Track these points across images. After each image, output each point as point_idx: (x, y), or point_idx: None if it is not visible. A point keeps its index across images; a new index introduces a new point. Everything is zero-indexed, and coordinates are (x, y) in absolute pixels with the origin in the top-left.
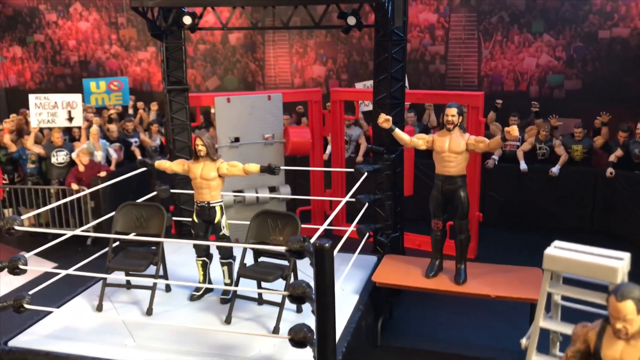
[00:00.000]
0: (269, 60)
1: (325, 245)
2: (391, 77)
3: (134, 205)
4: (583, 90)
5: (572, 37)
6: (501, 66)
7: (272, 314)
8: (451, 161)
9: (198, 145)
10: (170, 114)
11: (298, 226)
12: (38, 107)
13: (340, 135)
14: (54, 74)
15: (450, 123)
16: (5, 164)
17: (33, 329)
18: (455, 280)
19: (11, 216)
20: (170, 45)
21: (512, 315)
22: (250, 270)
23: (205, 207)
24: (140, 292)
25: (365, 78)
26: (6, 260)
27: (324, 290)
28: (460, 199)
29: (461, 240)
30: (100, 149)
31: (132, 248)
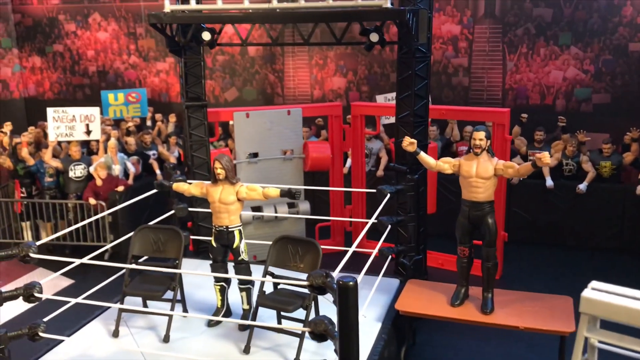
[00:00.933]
0: (289, 71)
1: (349, 283)
2: (415, 94)
3: (151, 229)
4: (612, 105)
5: (600, 50)
6: (526, 79)
7: (292, 343)
8: (479, 187)
9: (217, 169)
10: (189, 130)
11: (319, 254)
12: (56, 120)
13: (361, 150)
14: (73, 84)
15: (477, 147)
16: (23, 177)
17: (48, 357)
18: (482, 309)
19: (27, 242)
20: (189, 61)
21: (540, 344)
22: (269, 299)
23: (223, 231)
24: (156, 317)
25: (386, 90)
26: (21, 288)
27: (347, 330)
28: (488, 225)
29: (488, 268)
30: (118, 163)
31: (150, 272)
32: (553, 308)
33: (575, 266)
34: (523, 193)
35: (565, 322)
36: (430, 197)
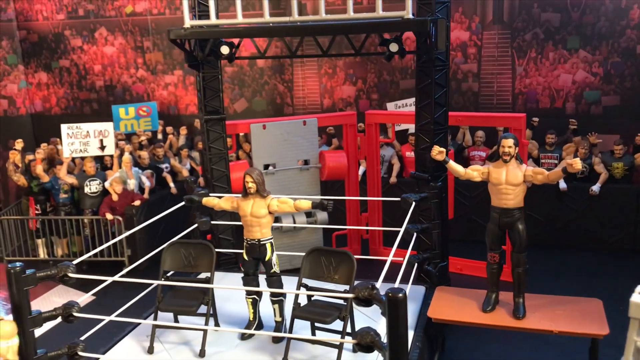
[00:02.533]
0: (298, 81)
1: (398, 295)
2: (435, 102)
3: (182, 244)
4: (621, 107)
5: (609, 53)
6: (536, 83)
7: (327, 354)
8: (509, 193)
9: (248, 183)
10: (208, 143)
11: (354, 265)
12: (70, 136)
13: (376, 158)
14: (80, 99)
15: (507, 155)
16: (37, 194)
17: None
18: (514, 314)
19: (64, 263)
20: (207, 74)
21: (569, 348)
22: (305, 311)
23: (255, 244)
24: (189, 332)
25: (396, 98)
26: (60, 308)
27: (397, 341)
28: (518, 231)
29: (519, 273)
30: (133, 177)
31: (179, 287)
32: (584, 311)
33: (591, 268)
34: (537, 196)
35: (598, 325)
36: (449, 204)
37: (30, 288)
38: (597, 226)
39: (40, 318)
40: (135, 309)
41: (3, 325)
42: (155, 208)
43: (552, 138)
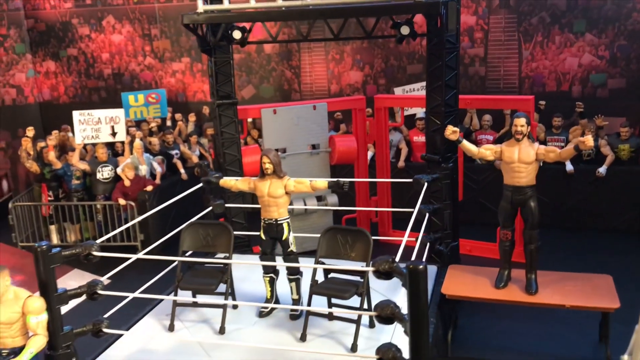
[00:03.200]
0: (305, 67)
1: (419, 267)
2: (445, 85)
3: (200, 224)
4: (627, 89)
5: (615, 36)
6: (542, 67)
7: (345, 329)
8: (521, 172)
9: (265, 163)
10: (220, 128)
11: (370, 242)
12: (82, 123)
13: (385, 142)
14: (88, 87)
15: (519, 133)
16: (50, 180)
17: (110, 352)
18: (526, 290)
19: (88, 242)
20: (219, 59)
21: (580, 323)
22: (324, 287)
23: (272, 224)
24: (207, 310)
25: (403, 82)
26: (85, 286)
27: (418, 312)
28: (530, 209)
29: (531, 250)
30: (144, 163)
31: (199, 266)
32: (595, 286)
33: (597, 249)
34: (544, 178)
35: (609, 299)
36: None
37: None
38: (604, 208)
39: (65, 296)
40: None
41: (33, 301)
42: (167, 193)
43: (558, 121)
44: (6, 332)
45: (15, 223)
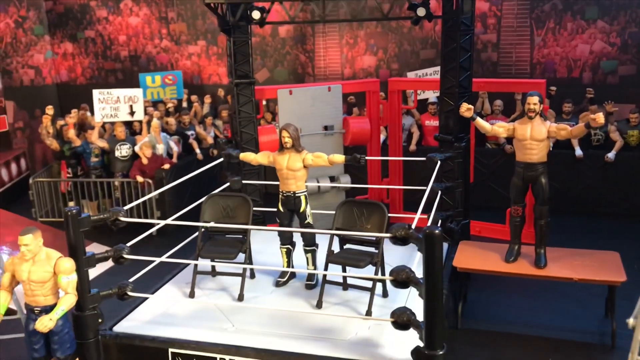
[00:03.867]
0: (319, 51)
1: (435, 231)
2: (460, 66)
3: (220, 196)
4: (637, 76)
5: (626, 23)
6: (554, 53)
7: (359, 298)
8: (533, 149)
9: (284, 137)
10: (238, 107)
11: (385, 214)
12: (101, 102)
13: (398, 125)
14: (105, 68)
15: (532, 111)
16: (69, 158)
17: (133, 316)
18: (536, 264)
19: (115, 208)
20: (238, 39)
21: (583, 297)
22: (340, 257)
23: (290, 196)
24: (225, 279)
25: (416, 67)
26: (111, 250)
27: (433, 275)
28: (541, 185)
29: (541, 225)
30: (161, 142)
31: (219, 237)
32: (602, 261)
33: (606, 232)
34: (554, 163)
35: (616, 273)
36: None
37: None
38: (612, 192)
39: (93, 259)
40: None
41: (64, 261)
42: (183, 172)
43: (568, 107)
44: (39, 290)
45: (35, 198)
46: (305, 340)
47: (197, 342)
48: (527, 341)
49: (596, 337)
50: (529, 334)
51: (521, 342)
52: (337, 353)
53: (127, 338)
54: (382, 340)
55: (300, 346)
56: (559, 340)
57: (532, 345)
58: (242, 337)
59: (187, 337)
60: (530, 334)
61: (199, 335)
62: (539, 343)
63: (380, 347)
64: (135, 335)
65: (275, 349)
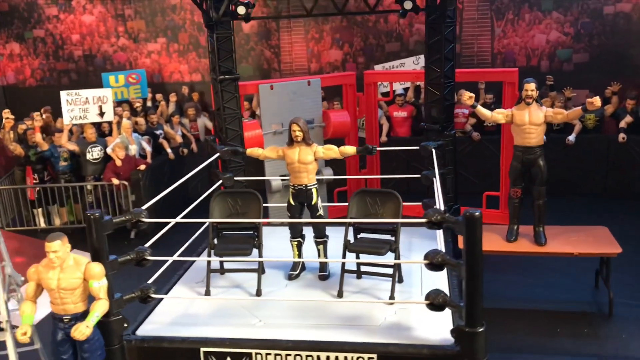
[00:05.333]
0: (285, 46)
1: (475, 214)
2: (444, 57)
3: (228, 193)
4: (590, 63)
5: (579, 14)
6: (513, 43)
7: (375, 285)
8: (531, 133)
9: (295, 131)
10: (222, 103)
11: (400, 202)
12: (69, 103)
13: (375, 117)
14: (57, 69)
15: (529, 97)
16: (35, 163)
17: (152, 318)
18: (536, 242)
19: (136, 209)
20: (221, 35)
21: (575, 272)
22: (359, 245)
23: (302, 189)
24: (235, 276)
25: (382, 60)
26: (133, 252)
27: (474, 255)
28: (540, 167)
29: (539, 205)
30: (134, 143)
31: (228, 234)
32: (595, 236)
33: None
34: None
35: (611, 246)
36: None
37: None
38: (573, 173)
39: (116, 262)
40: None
41: (94, 266)
42: (157, 173)
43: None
44: (69, 298)
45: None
46: (337, 329)
47: (231, 340)
48: (532, 315)
49: (594, 307)
50: (531, 309)
51: (526, 316)
52: (376, 338)
53: (154, 341)
54: (411, 324)
55: (335, 335)
56: (560, 312)
57: (538, 319)
58: (273, 331)
59: (219, 335)
60: (532, 308)
61: (227, 333)
62: (543, 316)
63: (413, 330)
64: (163, 338)
65: (312, 339)
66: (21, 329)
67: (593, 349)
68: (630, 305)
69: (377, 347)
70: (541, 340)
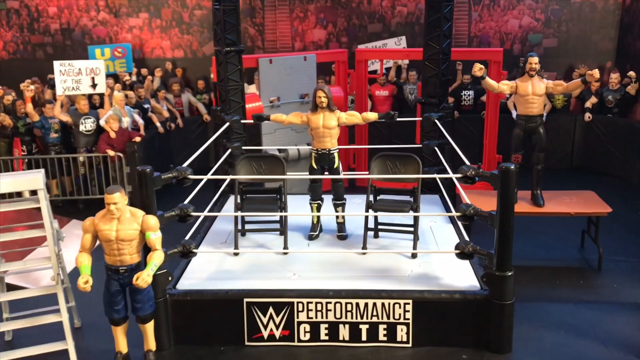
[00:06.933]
0: (269, 25)
1: (511, 167)
2: (442, 34)
3: (252, 157)
4: (559, 48)
5: (549, 1)
6: (488, 27)
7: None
8: (534, 103)
9: (321, 97)
10: (227, 75)
11: (419, 165)
12: (62, 74)
13: (365, 93)
14: (32, 42)
15: (533, 70)
16: (23, 134)
17: (188, 274)
18: (535, 204)
19: (182, 167)
20: (227, 7)
21: (560, 233)
22: (384, 204)
23: (325, 153)
24: (257, 237)
25: (365, 41)
26: (177, 208)
27: (508, 206)
28: (540, 134)
29: (538, 170)
30: (126, 115)
31: (252, 197)
32: (586, 198)
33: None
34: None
35: (601, 206)
36: None
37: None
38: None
39: (163, 218)
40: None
41: (150, 218)
42: (149, 146)
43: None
44: (126, 249)
45: None
46: (369, 280)
47: (273, 290)
48: (528, 271)
49: (583, 263)
50: (526, 265)
51: (528, 272)
52: (411, 286)
53: (197, 294)
54: (437, 274)
55: (368, 285)
56: (555, 268)
57: (537, 274)
58: (310, 282)
59: (260, 287)
60: (531, 265)
61: (265, 286)
62: (539, 271)
63: (440, 279)
64: (206, 291)
65: (351, 288)
66: (82, 278)
67: (591, 297)
68: (614, 261)
69: (413, 294)
70: (544, 291)
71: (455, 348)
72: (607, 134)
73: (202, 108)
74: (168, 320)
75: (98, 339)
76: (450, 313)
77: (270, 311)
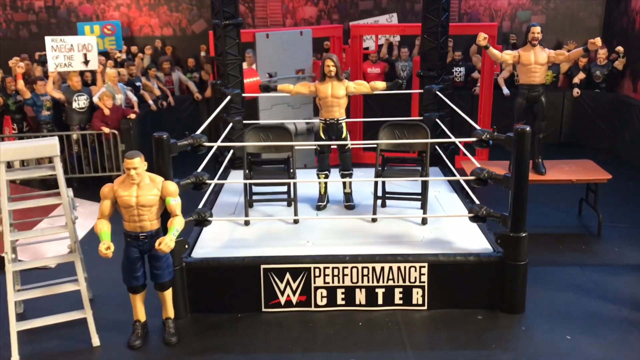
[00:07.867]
0: (260, 1)
1: (526, 129)
2: (442, 7)
3: (260, 128)
4: (547, 24)
5: None
6: (478, 5)
7: (401, 211)
8: (536, 72)
9: (329, 66)
10: (225, 49)
11: (427, 133)
12: (55, 50)
13: (359, 69)
14: (14, 20)
15: (535, 39)
16: (14, 112)
17: (202, 243)
18: (537, 172)
19: (197, 134)
20: None
21: (557, 202)
22: (394, 172)
23: (334, 123)
24: (265, 208)
25: (356, 18)
26: (193, 176)
27: (522, 168)
28: (542, 103)
29: (539, 138)
30: (120, 92)
31: (260, 167)
32: (585, 166)
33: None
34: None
35: (601, 174)
36: None
37: None
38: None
39: (179, 186)
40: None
41: (170, 184)
42: (141, 124)
43: None
44: (146, 214)
45: None
46: (383, 245)
47: (290, 257)
48: (531, 238)
49: (583, 229)
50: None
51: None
52: (425, 250)
53: (215, 261)
54: (449, 238)
55: (385, 250)
56: (557, 234)
57: (541, 240)
58: (325, 249)
59: (276, 253)
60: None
61: (281, 252)
62: (541, 238)
63: (452, 243)
64: (223, 258)
65: (367, 253)
66: (104, 244)
67: (595, 260)
68: (612, 227)
69: (428, 257)
70: (550, 255)
71: (469, 310)
72: (595, 108)
73: (192, 86)
74: (184, 288)
75: (111, 310)
76: (465, 275)
77: (287, 277)
